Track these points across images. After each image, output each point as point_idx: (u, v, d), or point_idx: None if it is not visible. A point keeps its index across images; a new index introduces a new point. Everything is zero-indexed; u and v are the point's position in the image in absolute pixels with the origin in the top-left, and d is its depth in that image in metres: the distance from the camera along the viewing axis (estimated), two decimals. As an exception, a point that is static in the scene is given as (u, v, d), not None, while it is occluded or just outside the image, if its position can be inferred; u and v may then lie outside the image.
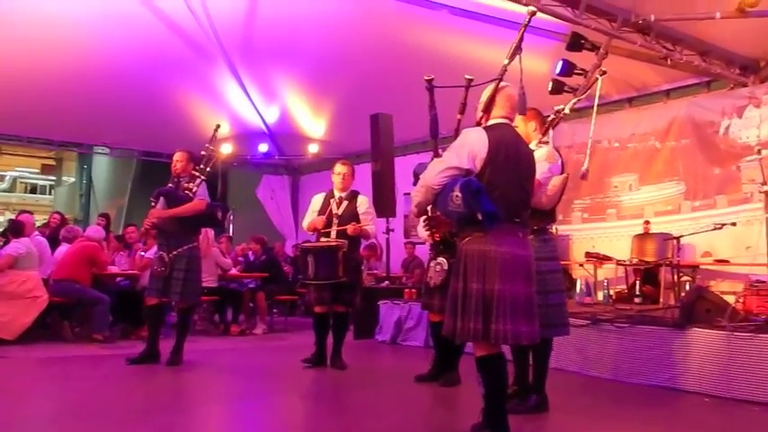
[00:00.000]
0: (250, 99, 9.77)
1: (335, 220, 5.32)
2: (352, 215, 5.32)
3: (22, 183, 35.21)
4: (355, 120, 8.83)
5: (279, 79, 9.31)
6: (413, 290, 7.45)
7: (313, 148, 10.90)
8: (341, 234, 5.23)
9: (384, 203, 7.71)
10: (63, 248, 7.49)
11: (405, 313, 7.03)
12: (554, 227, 3.91)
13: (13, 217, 9.92)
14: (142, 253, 7.78)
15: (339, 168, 5.44)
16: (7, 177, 34.13)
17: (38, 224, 8.50)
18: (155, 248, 6.87)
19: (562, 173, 3.78)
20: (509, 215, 2.89)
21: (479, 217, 2.77)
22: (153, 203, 5.41)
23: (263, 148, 11.13)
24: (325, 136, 10.61)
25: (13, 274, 6.51)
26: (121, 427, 3.47)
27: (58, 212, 10.00)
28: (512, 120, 3.18)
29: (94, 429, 3.43)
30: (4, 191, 34.12)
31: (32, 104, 8.72)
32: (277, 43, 8.23)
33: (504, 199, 2.89)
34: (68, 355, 6.02)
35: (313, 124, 10.39)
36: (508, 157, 2.96)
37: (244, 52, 8.62)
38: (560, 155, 3.86)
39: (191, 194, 5.33)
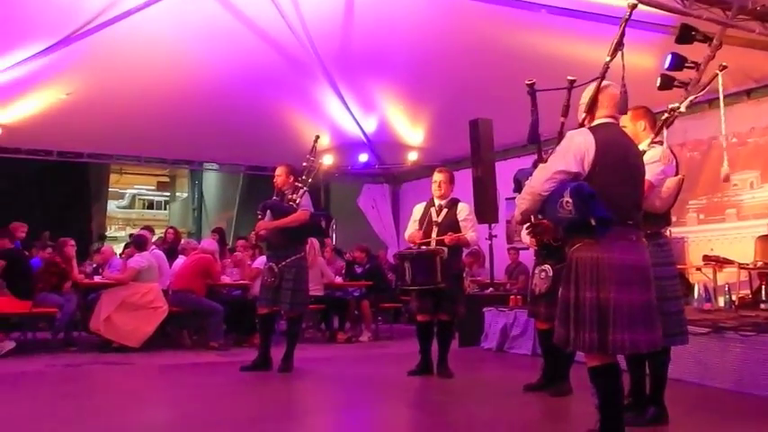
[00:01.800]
0: (349, 110, 9.95)
1: (435, 228, 5.32)
2: (451, 223, 5.30)
3: (140, 199, 37.54)
4: (454, 126, 8.80)
5: (376, 89, 9.44)
6: (518, 296, 7.31)
7: (412, 156, 10.95)
8: (439, 242, 5.22)
9: (486, 209, 7.63)
10: (180, 261, 7.91)
11: (510, 320, 6.91)
12: (668, 230, 3.72)
13: (134, 232, 10.64)
14: (249, 262, 8.11)
15: (436, 176, 5.46)
16: (127, 195, 36.49)
17: (155, 238, 9.04)
18: (262, 258, 7.16)
19: (677, 174, 3.60)
20: (621, 218, 2.78)
21: (592, 223, 2.68)
22: (260, 216, 5.62)
23: (363, 157, 11.30)
24: (423, 143, 10.64)
25: (137, 286, 6.94)
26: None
27: (172, 227, 10.64)
28: (617, 119, 3.07)
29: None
30: (125, 207, 36.50)
31: (148, 127, 9.29)
32: (373, 53, 8.36)
33: (616, 201, 2.78)
34: (187, 362, 6.33)
35: (411, 132, 10.45)
36: (617, 157, 2.86)
37: (341, 64, 8.81)
38: (674, 155, 3.68)
39: (295, 205, 5.49)
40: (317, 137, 5.94)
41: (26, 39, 7.43)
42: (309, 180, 5.59)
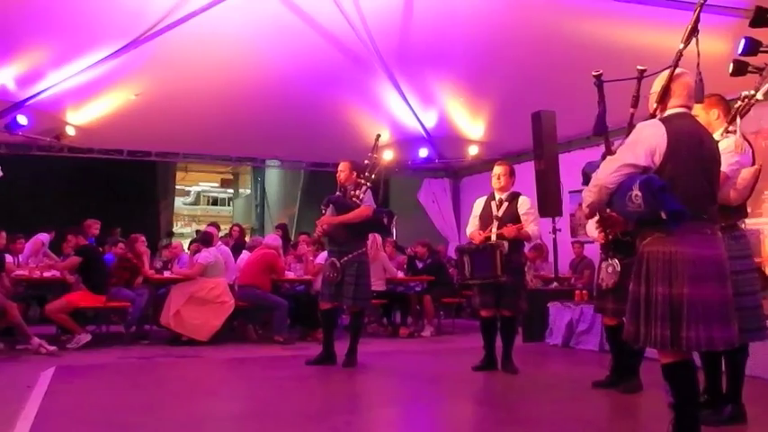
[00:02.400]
0: (409, 105, 9.94)
1: (496, 223, 5.28)
2: (512, 216, 5.25)
3: (205, 196, 38.55)
4: (515, 118, 8.68)
5: (436, 83, 9.39)
6: (583, 291, 7.20)
7: (473, 150, 10.86)
8: (500, 236, 5.18)
9: (549, 203, 7.52)
10: (244, 256, 8.09)
11: (576, 316, 6.80)
12: (744, 222, 3.58)
13: (200, 228, 10.95)
14: (312, 258, 8.22)
15: (496, 169, 5.43)
16: (192, 192, 37.51)
17: (221, 234, 9.28)
18: (324, 254, 7.24)
19: (753, 164, 3.46)
20: (695, 211, 2.70)
21: (663, 216, 2.61)
22: (323, 211, 5.69)
23: (424, 152, 11.28)
24: (484, 137, 10.54)
25: (204, 281, 7.13)
26: (301, 428, 3.65)
27: (237, 224, 10.91)
28: (690, 108, 2.97)
29: (276, 428, 3.65)
30: (191, 204, 37.53)
31: (213, 125, 9.50)
32: (432, 47, 8.32)
33: (689, 194, 2.70)
34: (254, 355, 6.48)
35: (471, 126, 10.36)
36: (690, 148, 2.77)
37: (400, 59, 8.81)
38: (750, 144, 3.53)
39: (358, 201, 5.53)
40: (379, 135, 6.00)
41: (96, 43, 7.72)
42: (372, 176, 5.63)
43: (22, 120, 8.50)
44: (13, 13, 6.93)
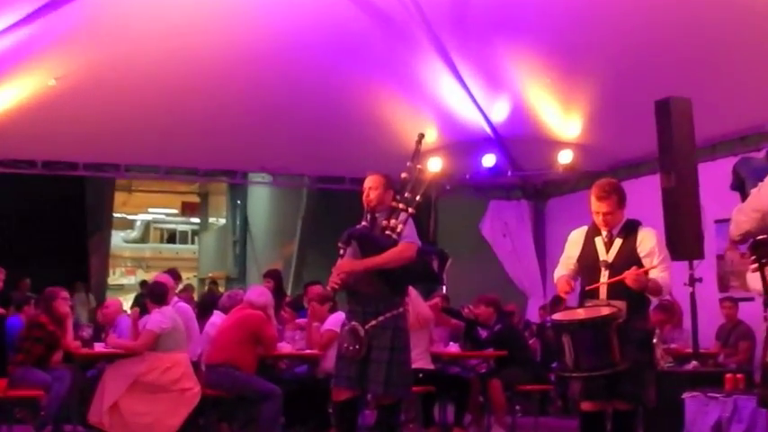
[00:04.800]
0: (468, 91, 10.02)
1: (605, 272, 5.21)
2: (630, 260, 5.17)
3: (157, 229, 38.79)
4: (629, 110, 8.72)
5: (508, 60, 9.46)
6: (738, 375, 7.12)
7: (564, 158, 10.84)
8: (615, 292, 5.10)
9: (683, 238, 7.46)
10: (217, 320, 8.06)
11: (728, 412, 6.72)
12: None
13: (147, 278, 11.06)
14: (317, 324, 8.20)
15: (596, 205, 5.23)
16: (138, 223, 37.71)
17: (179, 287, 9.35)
18: (337, 316, 7.25)
19: None
20: None
21: None
22: (341, 252, 5.67)
23: (489, 161, 11.28)
24: (581, 138, 10.54)
25: (155, 357, 7.13)
26: None
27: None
28: None
29: None
30: (135, 241, 37.71)
31: (170, 124, 9.67)
32: (503, 6, 8.38)
33: None
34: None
35: (562, 122, 10.38)
36: None
37: (455, 26, 8.91)
38: None
39: (394, 236, 5.52)
40: (422, 135, 5.94)
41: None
42: (417, 198, 5.61)
43: None
44: None
